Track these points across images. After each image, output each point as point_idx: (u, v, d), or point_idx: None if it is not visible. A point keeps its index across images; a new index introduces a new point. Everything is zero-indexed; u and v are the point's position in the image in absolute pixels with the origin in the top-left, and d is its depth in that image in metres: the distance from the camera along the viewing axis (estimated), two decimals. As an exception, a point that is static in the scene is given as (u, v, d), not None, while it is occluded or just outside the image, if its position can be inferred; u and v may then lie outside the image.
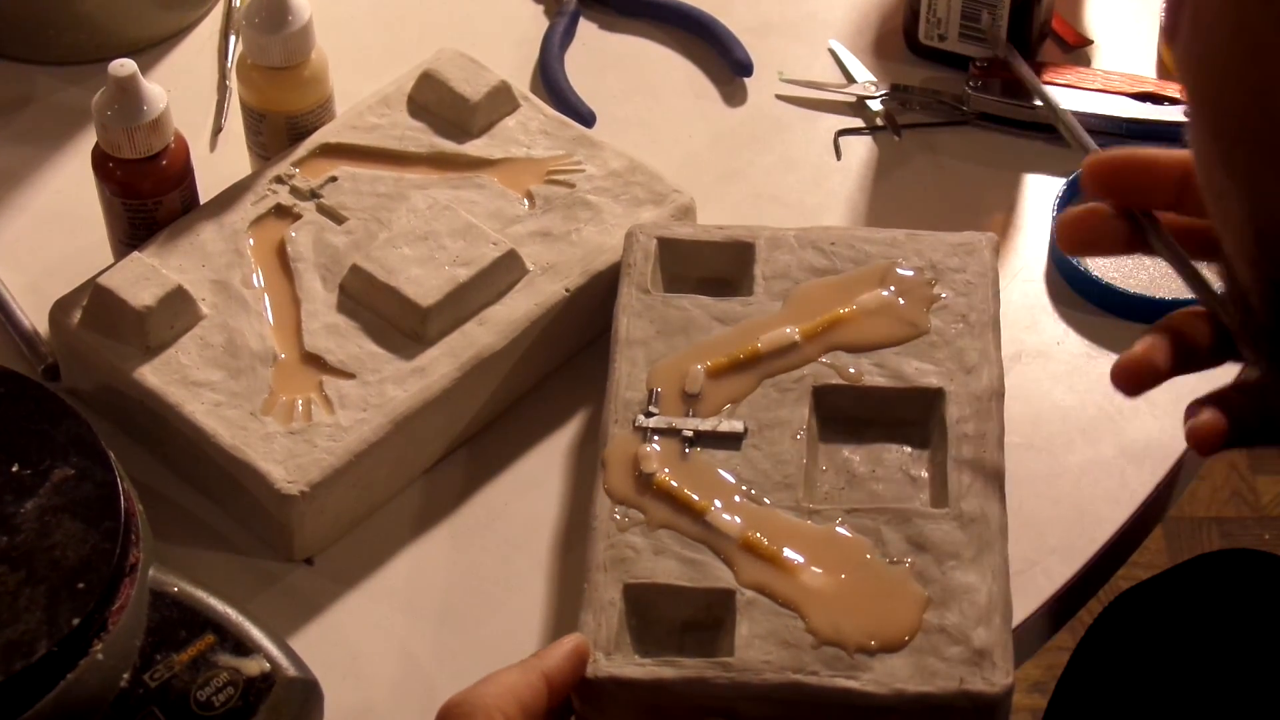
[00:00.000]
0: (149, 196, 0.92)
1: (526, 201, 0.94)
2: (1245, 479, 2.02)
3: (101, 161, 0.92)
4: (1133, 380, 0.75)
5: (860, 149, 1.04)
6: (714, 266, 0.91)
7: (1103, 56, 1.08)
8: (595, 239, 0.92)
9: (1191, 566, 1.04)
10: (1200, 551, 1.52)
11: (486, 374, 0.88)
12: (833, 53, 1.08)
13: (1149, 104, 1.04)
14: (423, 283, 0.89)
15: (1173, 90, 1.04)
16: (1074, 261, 0.96)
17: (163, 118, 0.91)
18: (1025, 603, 0.83)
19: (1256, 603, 1.01)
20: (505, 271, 0.90)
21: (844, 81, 1.07)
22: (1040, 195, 1.01)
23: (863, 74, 1.07)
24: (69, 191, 1.01)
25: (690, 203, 0.95)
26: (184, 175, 0.93)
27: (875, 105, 1.06)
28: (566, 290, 0.90)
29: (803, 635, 0.76)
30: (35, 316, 0.94)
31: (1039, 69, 1.05)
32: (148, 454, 0.89)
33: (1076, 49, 1.09)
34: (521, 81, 1.05)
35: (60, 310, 0.90)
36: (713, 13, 1.09)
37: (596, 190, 0.94)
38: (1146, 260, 0.97)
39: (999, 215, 1.01)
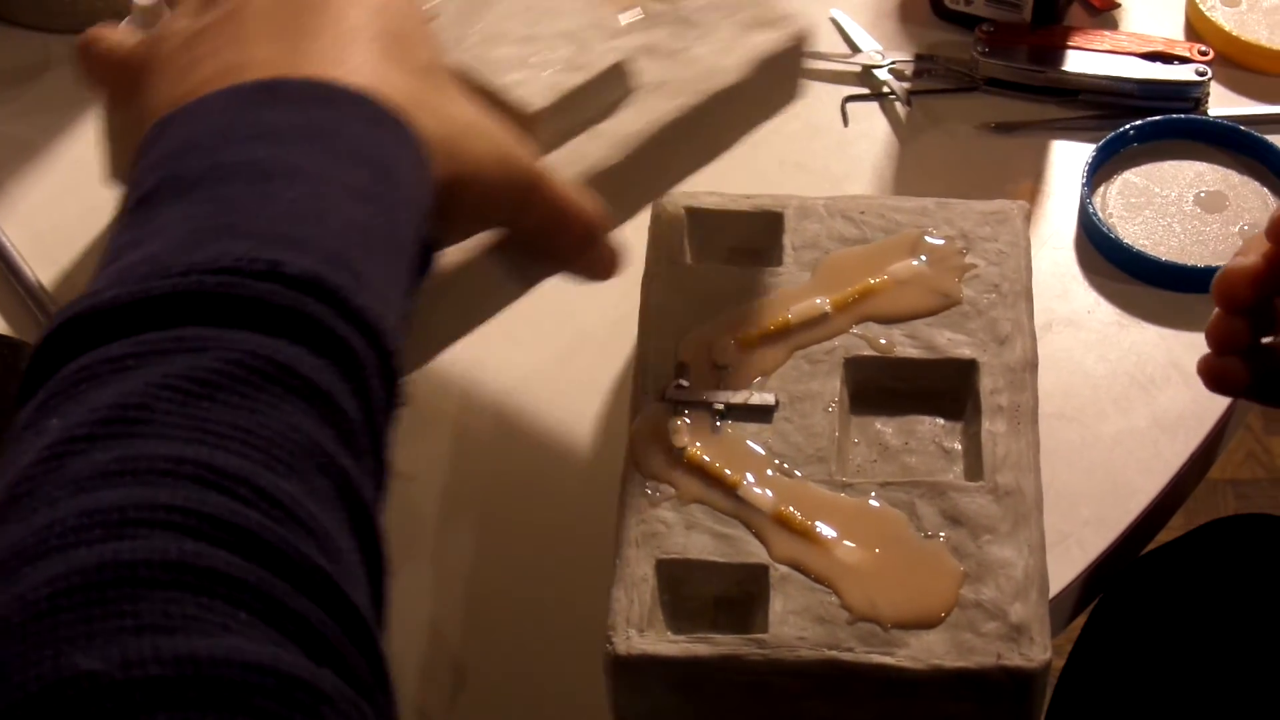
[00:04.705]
0: None
1: (630, 14, 0.86)
2: (1260, 440, 2.02)
3: None
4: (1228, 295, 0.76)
5: (881, 117, 1.03)
6: (742, 236, 0.90)
7: (1131, 19, 1.07)
8: (706, 59, 0.85)
9: (1206, 531, 1.04)
10: (1216, 514, 1.52)
11: (595, 192, 0.79)
12: (834, 21, 1.07)
13: (1159, 63, 1.02)
14: (529, 85, 0.80)
15: (1182, 49, 1.03)
16: (1104, 229, 0.95)
17: None
18: (1060, 575, 0.82)
19: (1271, 568, 1.01)
20: (615, 83, 0.82)
21: (848, 51, 1.06)
22: (1067, 161, 1.00)
23: (868, 43, 1.05)
24: (87, 161, 1.00)
25: (805, 31, 0.87)
26: None
27: (882, 74, 1.04)
28: (680, 109, 0.83)
29: (837, 611, 0.75)
30: (52, 288, 0.93)
31: (1065, 33, 1.04)
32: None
33: (1104, 12, 1.07)
34: (542, 48, 1.04)
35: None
36: (735, -23, 1.08)
37: (703, 9, 0.87)
38: (1176, 226, 0.96)
39: (1025, 182, 1.00)
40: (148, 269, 0.53)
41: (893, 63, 1.04)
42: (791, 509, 0.79)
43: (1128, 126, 0.99)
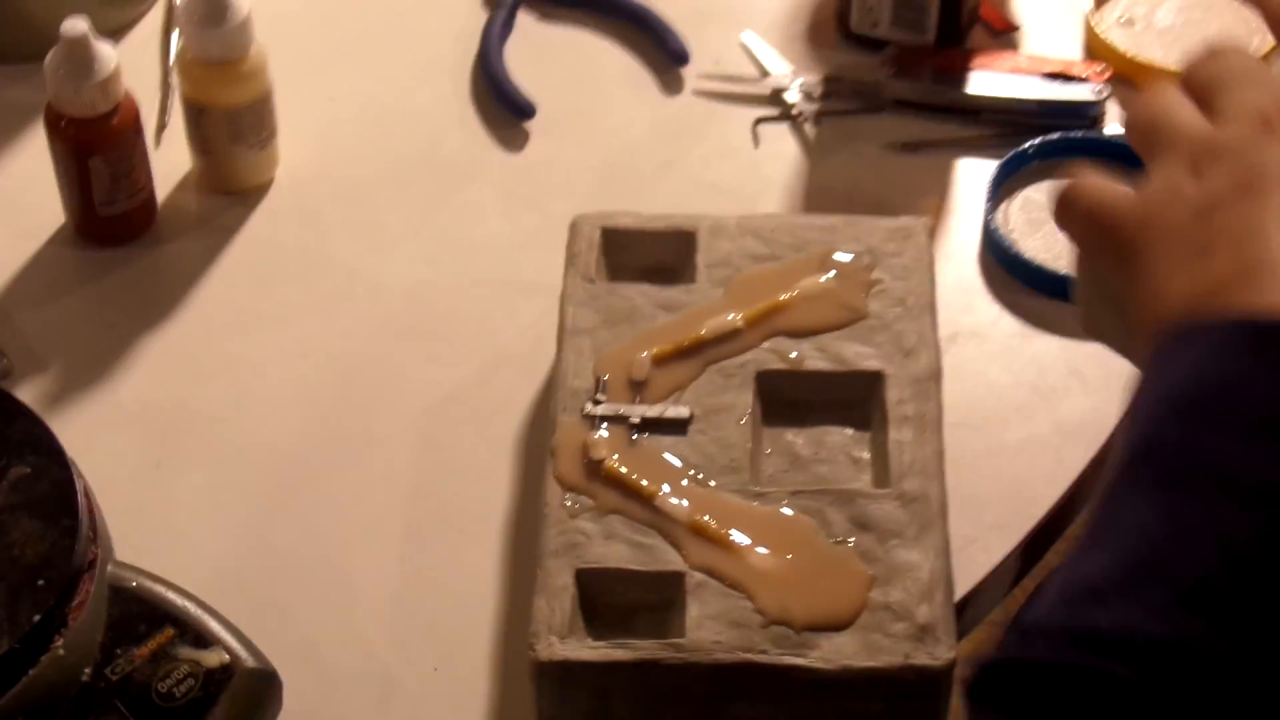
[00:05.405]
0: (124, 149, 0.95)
1: None
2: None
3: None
4: None
5: (790, 138, 1.06)
6: (657, 255, 0.93)
7: (1030, 41, 1.11)
8: None
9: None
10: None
11: None
12: (744, 45, 1.10)
13: (1058, 83, 1.06)
14: None
15: (1080, 69, 1.06)
16: (1006, 244, 0.98)
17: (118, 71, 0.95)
18: (966, 578, 0.85)
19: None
20: None
21: (759, 74, 1.09)
22: (970, 178, 1.03)
23: (779, 65, 1.08)
24: (15, 191, 1.02)
25: None
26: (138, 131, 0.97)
27: (792, 96, 1.07)
28: None
29: (751, 615, 0.78)
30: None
31: (968, 55, 1.08)
32: (102, 449, 0.89)
33: (1004, 34, 1.11)
34: (461, 73, 1.07)
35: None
36: (649, 3, 1.11)
37: None
38: (1077, 241, 1.00)
39: (931, 200, 1.03)
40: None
41: (802, 85, 1.07)
42: (706, 518, 0.81)
43: (1028, 145, 1.02)
